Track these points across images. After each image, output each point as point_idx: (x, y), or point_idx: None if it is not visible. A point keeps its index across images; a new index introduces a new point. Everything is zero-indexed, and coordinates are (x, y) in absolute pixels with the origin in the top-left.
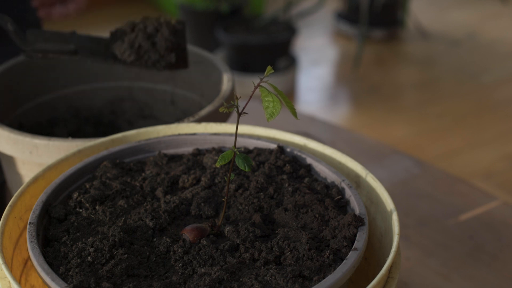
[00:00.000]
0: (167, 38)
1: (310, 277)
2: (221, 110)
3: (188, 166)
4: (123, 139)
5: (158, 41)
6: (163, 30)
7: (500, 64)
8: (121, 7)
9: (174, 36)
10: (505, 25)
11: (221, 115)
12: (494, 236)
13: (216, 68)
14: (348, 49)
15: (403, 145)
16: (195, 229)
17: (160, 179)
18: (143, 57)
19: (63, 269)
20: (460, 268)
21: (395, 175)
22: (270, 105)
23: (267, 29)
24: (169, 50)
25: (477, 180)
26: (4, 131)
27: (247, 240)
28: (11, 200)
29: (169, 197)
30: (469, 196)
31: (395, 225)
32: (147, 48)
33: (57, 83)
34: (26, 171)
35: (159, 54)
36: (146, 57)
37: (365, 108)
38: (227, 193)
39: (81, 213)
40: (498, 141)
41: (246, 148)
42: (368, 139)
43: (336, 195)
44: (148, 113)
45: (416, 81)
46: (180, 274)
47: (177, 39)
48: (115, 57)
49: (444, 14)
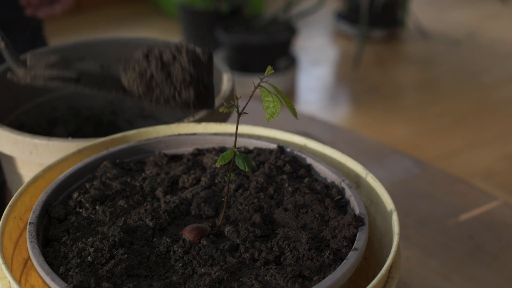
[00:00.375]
0: (185, 68)
1: (310, 277)
2: (221, 110)
3: (188, 166)
4: (123, 139)
5: (173, 71)
6: (182, 57)
7: (500, 64)
8: (121, 7)
9: (195, 66)
10: (505, 25)
11: (221, 115)
12: (494, 236)
13: (216, 68)
14: (348, 49)
15: (403, 145)
16: (195, 229)
17: (160, 179)
18: (154, 91)
19: (63, 269)
20: (460, 268)
21: (395, 175)
22: (271, 105)
23: (267, 29)
24: (187, 84)
25: (477, 180)
26: (4, 131)
27: (247, 240)
28: (11, 200)
29: (169, 197)
30: (469, 196)
31: (395, 225)
32: (161, 79)
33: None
34: (26, 171)
35: (174, 88)
36: (158, 91)
37: (365, 108)
38: (227, 193)
39: (81, 213)
40: (498, 141)
41: (246, 148)
42: (368, 139)
43: (336, 195)
44: (148, 113)
45: (416, 81)
46: (180, 274)
47: (198, 71)
48: (124, 89)
49: (444, 14)
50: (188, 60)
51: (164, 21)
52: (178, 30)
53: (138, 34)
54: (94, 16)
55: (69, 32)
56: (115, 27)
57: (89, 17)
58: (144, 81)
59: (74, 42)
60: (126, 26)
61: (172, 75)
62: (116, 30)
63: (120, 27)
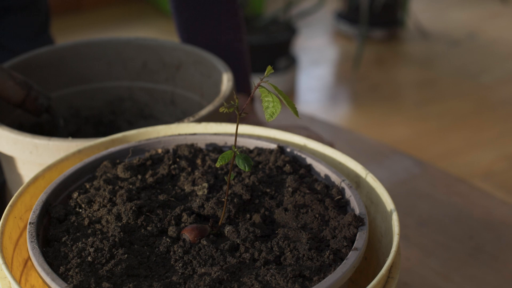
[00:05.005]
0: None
1: (310, 277)
2: (221, 110)
3: (188, 166)
4: (123, 139)
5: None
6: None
7: (500, 64)
8: (121, 7)
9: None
10: (505, 25)
11: (221, 115)
12: (494, 236)
13: (216, 68)
14: (348, 49)
15: (403, 145)
16: (195, 229)
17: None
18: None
19: (63, 269)
20: (460, 268)
21: (395, 175)
22: (270, 105)
23: (267, 29)
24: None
25: (477, 180)
26: (4, 131)
27: (247, 240)
28: (11, 200)
29: (168, 197)
30: (469, 196)
31: (395, 225)
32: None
33: (57, 83)
34: (26, 171)
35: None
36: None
37: (365, 108)
38: (227, 193)
39: (81, 213)
40: (498, 141)
41: (247, 148)
42: (368, 139)
43: (336, 195)
44: (148, 113)
45: (416, 81)
46: (180, 274)
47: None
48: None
49: (444, 14)
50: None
51: (164, 21)
52: None
53: (138, 34)
54: (94, 16)
55: (69, 32)
56: (115, 27)
57: (89, 17)
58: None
59: (74, 42)
60: (126, 26)
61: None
62: (116, 30)
63: (120, 27)
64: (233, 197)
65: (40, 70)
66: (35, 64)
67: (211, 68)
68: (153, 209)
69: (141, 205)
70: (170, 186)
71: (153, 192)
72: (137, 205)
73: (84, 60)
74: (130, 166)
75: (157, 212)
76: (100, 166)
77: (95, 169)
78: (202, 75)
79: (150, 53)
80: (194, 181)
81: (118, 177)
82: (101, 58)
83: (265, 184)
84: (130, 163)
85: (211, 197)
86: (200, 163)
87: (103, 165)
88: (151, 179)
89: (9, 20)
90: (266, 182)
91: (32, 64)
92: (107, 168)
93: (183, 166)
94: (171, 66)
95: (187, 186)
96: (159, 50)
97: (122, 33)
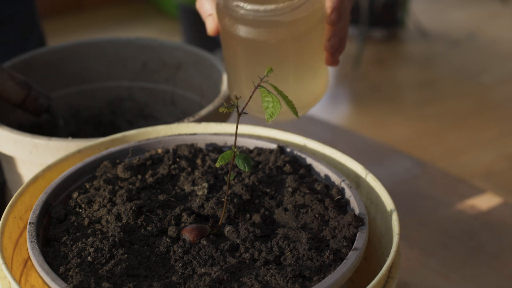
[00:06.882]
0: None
1: (310, 277)
2: (221, 110)
3: (188, 166)
4: (123, 139)
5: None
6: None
7: (500, 64)
8: (121, 7)
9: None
10: (505, 25)
11: (221, 115)
12: (494, 236)
13: (216, 68)
14: (348, 49)
15: (403, 145)
16: (195, 229)
17: (158, 178)
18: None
19: (63, 269)
20: (460, 268)
21: (395, 175)
22: (270, 105)
23: None
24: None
25: (477, 180)
26: (4, 131)
27: (247, 240)
28: (11, 200)
29: (168, 197)
30: (469, 196)
31: (395, 225)
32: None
33: (57, 83)
34: (26, 171)
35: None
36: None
37: (365, 108)
38: (227, 193)
39: (81, 213)
40: (498, 141)
41: (247, 148)
42: (368, 139)
43: (336, 195)
44: (148, 113)
45: (416, 81)
46: (180, 274)
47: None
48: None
49: (444, 14)
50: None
51: (164, 21)
52: (178, 30)
53: (138, 34)
54: (94, 16)
55: (69, 32)
56: (115, 27)
57: (89, 17)
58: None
59: (74, 42)
60: (126, 26)
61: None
62: (116, 30)
63: (120, 27)
64: (233, 197)
65: (40, 70)
66: (35, 64)
67: (211, 68)
68: (153, 209)
69: (141, 205)
70: (170, 186)
71: (153, 192)
72: (137, 205)
73: (84, 60)
74: (130, 166)
75: (157, 212)
76: (100, 166)
77: (95, 169)
78: (202, 75)
79: (150, 53)
80: (194, 181)
81: (118, 177)
82: (101, 58)
83: (265, 184)
84: (130, 163)
85: (211, 197)
86: (200, 163)
87: (103, 165)
88: (151, 179)
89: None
90: (266, 182)
91: (32, 64)
92: (107, 168)
93: (183, 166)
94: (171, 66)
95: (187, 186)
96: (159, 50)
97: (122, 33)
